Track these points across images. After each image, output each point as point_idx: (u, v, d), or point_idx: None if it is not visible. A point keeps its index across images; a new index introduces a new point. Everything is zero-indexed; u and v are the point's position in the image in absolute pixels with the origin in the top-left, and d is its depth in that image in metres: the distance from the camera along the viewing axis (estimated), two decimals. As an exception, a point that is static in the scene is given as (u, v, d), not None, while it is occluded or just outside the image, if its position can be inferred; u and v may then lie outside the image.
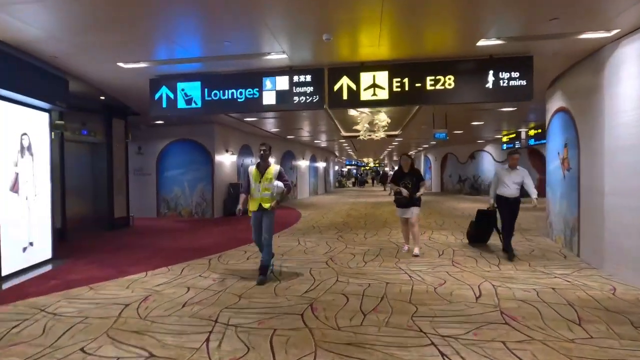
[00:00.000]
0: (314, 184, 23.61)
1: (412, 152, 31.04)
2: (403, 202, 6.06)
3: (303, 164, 21.13)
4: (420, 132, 15.27)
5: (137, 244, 7.44)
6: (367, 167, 53.20)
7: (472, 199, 18.20)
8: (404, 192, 5.95)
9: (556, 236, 6.97)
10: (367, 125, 12.53)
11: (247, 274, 5.12)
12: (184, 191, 11.98)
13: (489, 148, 20.89)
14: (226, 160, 12.55)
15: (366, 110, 10.01)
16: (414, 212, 6.06)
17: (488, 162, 21.09)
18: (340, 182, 36.73)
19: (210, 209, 11.80)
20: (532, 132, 14.63)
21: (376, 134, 14.33)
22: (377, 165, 52.17)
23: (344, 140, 18.98)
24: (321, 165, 25.64)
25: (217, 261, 5.90)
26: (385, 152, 31.04)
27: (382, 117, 10.47)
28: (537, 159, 18.00)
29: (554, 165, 7.19)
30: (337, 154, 31.62)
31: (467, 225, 9.70)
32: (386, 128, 13.57)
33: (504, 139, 17.20)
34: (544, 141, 14.13)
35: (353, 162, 48.86)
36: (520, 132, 15.57)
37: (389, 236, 8.00)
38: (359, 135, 14.31)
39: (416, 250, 6.08)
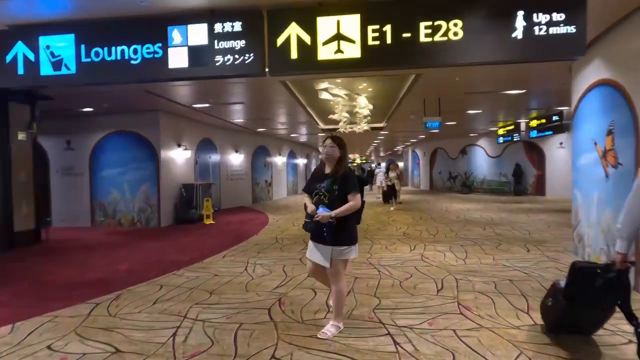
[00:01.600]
0: (292, 182, 21.60)
1: (400, 149, 29.32)
2: (312, 229, 3.10)
3: (279, 160, 19.10)
4: (408, 123, 13.41)
5: (18, 273, 5.34)
6: (354, 164, 51.50)
7: (464, 198, 16.48)
8: (310, 208, 3.14)
9: (594, 256, 5.14)
10: (346, 115, 10.64)
11: (133, 339, 3.11)
12: (123, 195, 9.82)
13: (481, 142, 19.26)
14: (177, 156, 10.44)
15: (341, 92, 8.05)
16: (334, 254, 3.04)
17: (481, 158, 19.48)
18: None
19: (156, 216, 9.68)
20: (534, 123, 12.87)
21: (358, 126, 12.49)
22: (364, 161, 50.57)
23: (324, 134, 17.02)
24: (301, 162, 23.63)
25: (106, 309, 3.88)
26: (372, 148, 29.25)
27: (362, 102, 8.55)
28: (534, 153, 16.46)
29: (586, 159, 5.36)
30: (320, 149, 29.62)
31: (465, 234, 7.56)
32: (368, 118, 11.70)
33: (500, 131, 15.46)
34: (550, 132, 12.49)
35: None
36: (519, 122, 13.83)
37: (369, 254, 6.06)
38: (338, 128, 12.48)
39: (327, 329, 3.13)
